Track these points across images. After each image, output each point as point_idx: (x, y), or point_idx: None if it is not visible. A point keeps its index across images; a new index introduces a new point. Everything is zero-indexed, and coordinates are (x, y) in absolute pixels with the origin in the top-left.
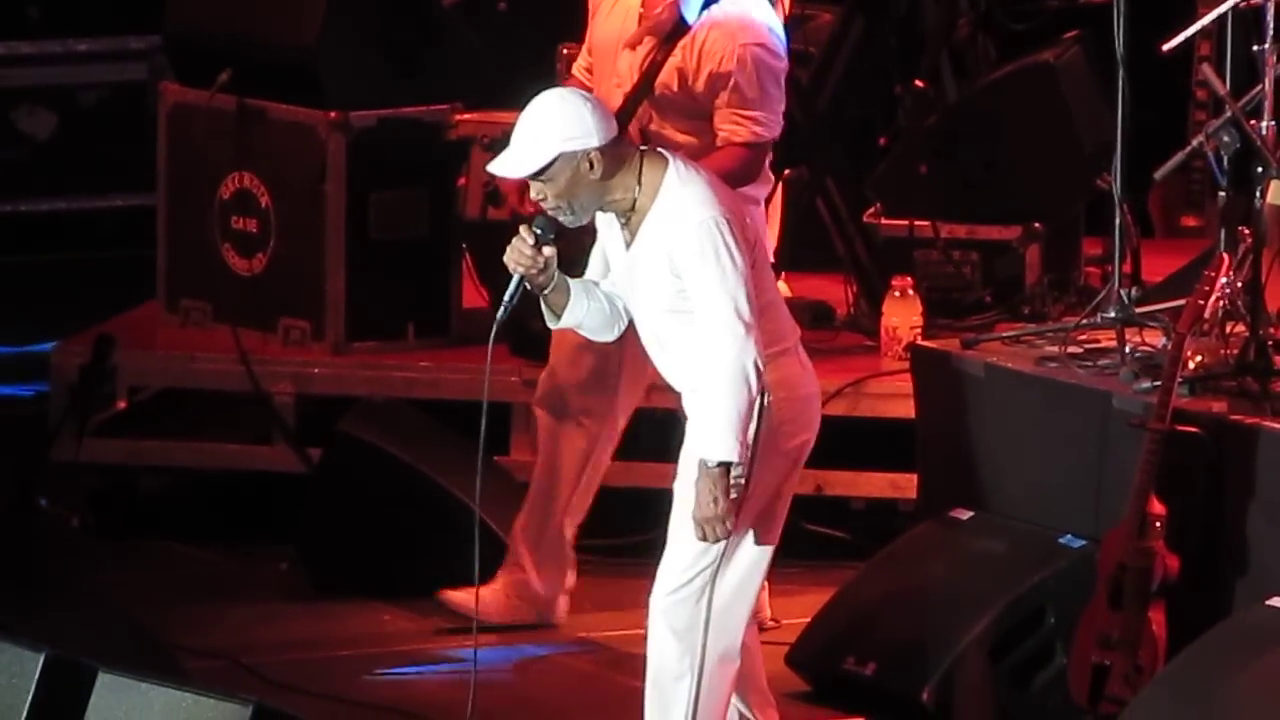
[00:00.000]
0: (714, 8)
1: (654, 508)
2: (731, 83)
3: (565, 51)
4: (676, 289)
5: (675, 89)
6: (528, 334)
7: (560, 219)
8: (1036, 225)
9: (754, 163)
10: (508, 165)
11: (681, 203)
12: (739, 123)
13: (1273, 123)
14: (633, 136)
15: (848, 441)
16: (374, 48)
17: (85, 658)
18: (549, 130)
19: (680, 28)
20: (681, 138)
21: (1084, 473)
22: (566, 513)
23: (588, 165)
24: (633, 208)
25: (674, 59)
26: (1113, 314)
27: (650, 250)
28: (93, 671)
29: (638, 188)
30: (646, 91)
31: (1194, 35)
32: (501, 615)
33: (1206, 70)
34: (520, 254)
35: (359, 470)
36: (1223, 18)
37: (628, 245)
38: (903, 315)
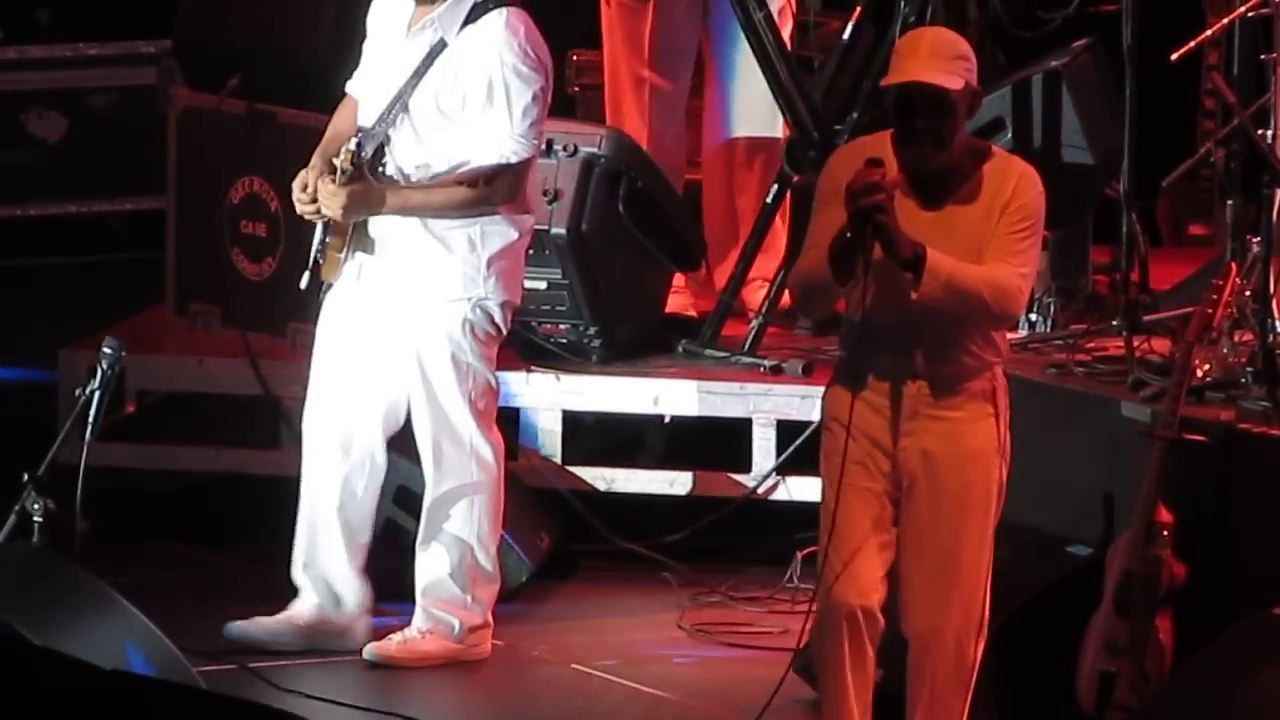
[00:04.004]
0: (471, 25)
1: (654, 513)
2: (483, 101)
3: (575, 58)
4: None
5: (431, 106)
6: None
7: (933, 153)
8: (1045, 232)
9: (507, 182)
10: (930, 73)
11: (1024, 169)
12: (490, 141)
13: None
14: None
15: None
16: None
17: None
18: (962, 58)
19: (440, 45)
20: (438, 152)
21: (1091, 480)
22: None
23: (972, 104)
24: (955, 165)
25: (432, 74)
26: (1121, 322)
27: (977, 208)
28: None
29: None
30: (402, 108)
31: (1203, 44)
32: (295, 643)
33: (1215, 79)
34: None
35: None
36: (1231, 26)
37: (932, 202)
38: None
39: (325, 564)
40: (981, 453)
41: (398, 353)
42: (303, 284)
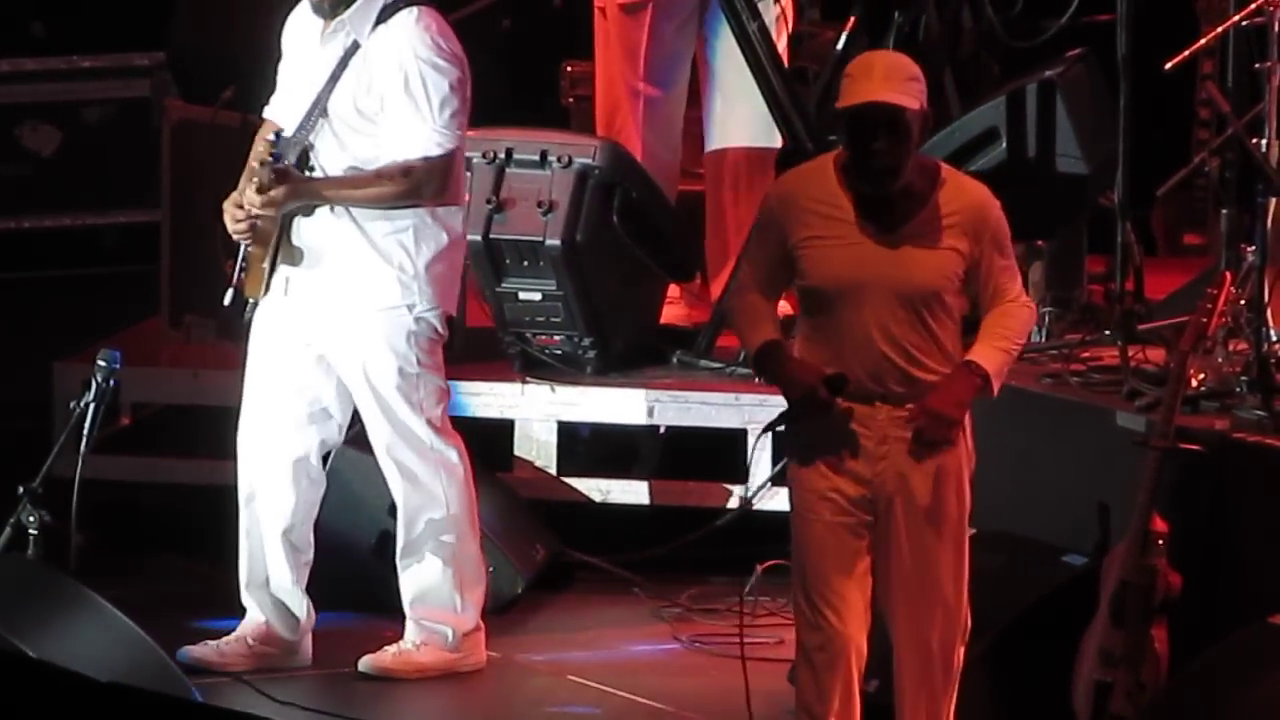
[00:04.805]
0: (383, 25)
1: (648, 524)
2: (401, 96)
3: (569, 69)
4: (956, 272)
5: (350, 108)
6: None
7: (890, 177)
8: (1039, 243)
9: (435, 175)
10: (887, 93)
11: (979, 191)
12: (412, 136)
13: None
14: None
15: None
16: None
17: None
18: (915, 80)
19: (353, 47)
20: (361, 155)
21: (1087, 490)
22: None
23: (923, 127)
24: (907, 188)
25: (347, 76)
26: (1116, 331)
27: (935, 232)
28: None
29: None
30: (321, 113)
31: (1197, 53)
32: (246, 663)
33: (1210, 88)
34: None
35: (360, 485)
36: (1226, 35)
37: (887, 229)
38: None
39: (273, 583)
40: (953, 467)
41: (338, 365)
42: (226, 300)
